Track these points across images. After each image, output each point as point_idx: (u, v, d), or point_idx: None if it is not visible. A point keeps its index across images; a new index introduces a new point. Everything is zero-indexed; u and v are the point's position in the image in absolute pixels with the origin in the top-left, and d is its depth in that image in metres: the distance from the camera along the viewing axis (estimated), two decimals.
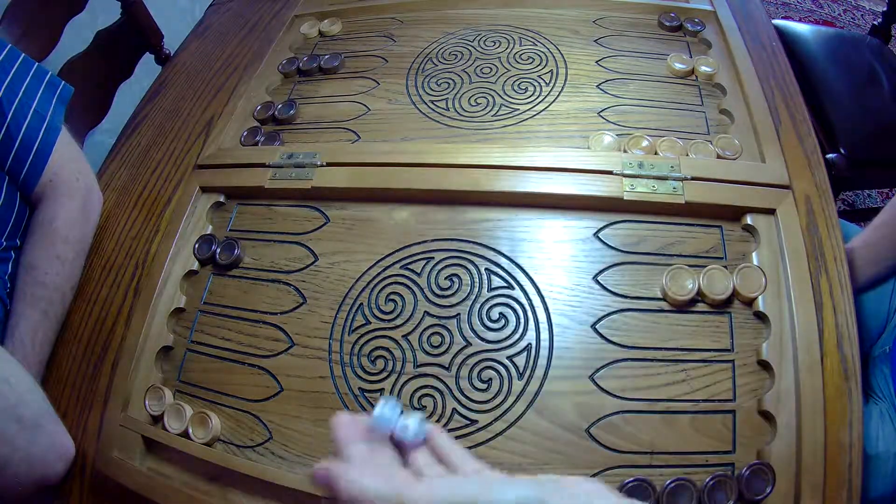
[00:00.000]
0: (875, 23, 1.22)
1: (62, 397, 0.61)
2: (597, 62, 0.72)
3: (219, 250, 0.63)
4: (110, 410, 0.57)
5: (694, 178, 0.57)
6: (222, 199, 0.68)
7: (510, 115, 0.68)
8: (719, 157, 0.59)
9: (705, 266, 0.53)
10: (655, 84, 0.68)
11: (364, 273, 0.59)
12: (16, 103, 0.67)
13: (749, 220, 0.55)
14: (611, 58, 0.72)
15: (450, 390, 0.52)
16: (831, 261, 0.54)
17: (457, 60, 0.76)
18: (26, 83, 0.69)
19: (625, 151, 0.61)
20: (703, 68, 0.67)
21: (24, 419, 0.52)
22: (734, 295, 0.52)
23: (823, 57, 1.13)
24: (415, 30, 0.81)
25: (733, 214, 0.56)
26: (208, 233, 0.66)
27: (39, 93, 0.70)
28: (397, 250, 0.60)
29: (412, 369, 0.53)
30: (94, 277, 0.69)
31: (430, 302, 0.56)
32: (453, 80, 0.73)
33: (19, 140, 0.67)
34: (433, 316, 0.56)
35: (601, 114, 0.66)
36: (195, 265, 0.63)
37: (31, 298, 0.63)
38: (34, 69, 0.71)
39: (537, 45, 0.75)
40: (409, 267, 0.59)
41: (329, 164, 0.65)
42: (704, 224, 0.56)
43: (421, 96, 0.72)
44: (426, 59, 0.77)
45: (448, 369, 0.53)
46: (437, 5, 0.84)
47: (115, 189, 0.77)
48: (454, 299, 0.56)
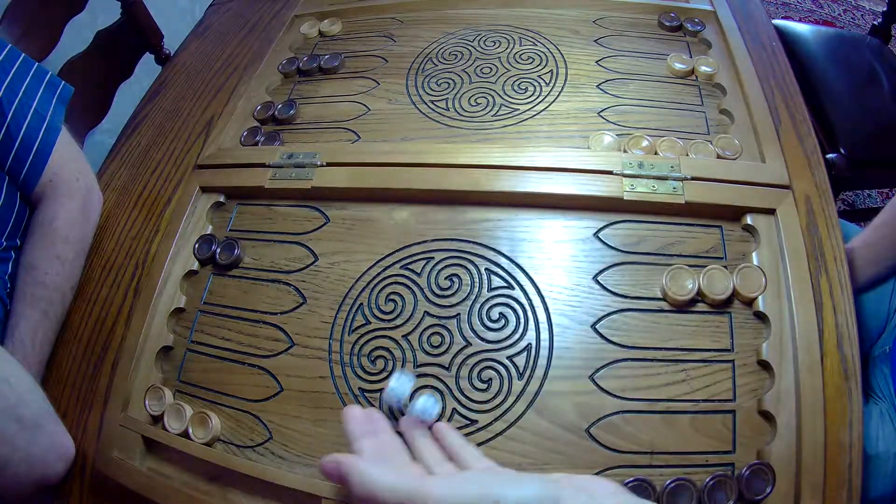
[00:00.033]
0: (875, 23, 1.22)
1: (62, 397, 0.61)
2: (597, 62, 0.72)
3: (219, 250, 0.63)
4: (110, 410, 0.57)
5: (694, 178, 0.57)
6: (222, 199, 0.68)
7: (510, 115, 0.68)
8: (719, 157, 0.59)
9: (705, 266, 0.53)
10: (655, 84, 0.68)
11: (364, 273, 0.59)
12: (16, 103, 0.67)
13: (749, 220, 0.55)
14: (611, 58, 0.72)
15: (450, 390, 0.52)
16: (831, 261, 0.54)
17: (457, 60, 0.76)
18: (26, 83, 0.69)
19: (625, 151, 0.61)
20: (703, 68, 0.67)
21: (24, 419, 0.52)
22: (734, 295, 0.52)
23: (823, 57, 1.13)
24: (415, 30, 0.81)
25: (733, 214, 0.56)
26: (208, 233, 0.66)
27: (39, 93, 0.70)
28: (397, 250, 0.60)
29: (412, 369, 0.53)
30: (94, 277, 0.69)
31: (430, 302, 0.56)
32: (453, 80, 0.73)
33: (19, 140, 0.67)
34: (433, 316, 0.56)
35: (601, 114, 0.66)
36: (195, 265, 0.63)
37: (31, 298, 0.63)
38: (34, 69, 0.71)
39: (537, 45, 0.75)
40: (409, 267, 0.59)
41: (329, 164, 0.65)
42: (704, 224, 0.56)
43: (421, 96, 0.72)
44: (426, 59, 0.77)
45: (448, 369, 0.53)
46: (437, 5, 0.84)
47: (115, 189, 0.77)
48: (454, 299, 0.56)
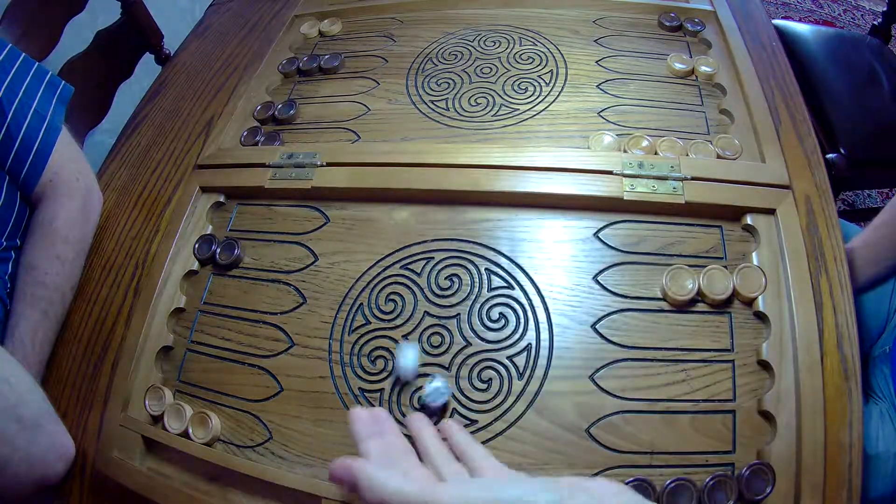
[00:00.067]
0: (875, 23, 1.22)
1: (62, 397, 0.61)
2: (597, 62, 0.72)
3: (219, 250, 0.63)
4: (110, 410, 0.57)
5: (694, 178, 0.57)
6: (222, 199, 0.68)
7: (510, 115, 0.68)
8: (719, 157, 0.59)
9: (705, 266, 0.53)
10: (655, 84, 0.68)
11: (364, 273, 0.59)
12: (16, 103, 0.67)
13: (749, 220, 0.55)
14: (611, 58, 0.72)
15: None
16: (831, 261, 0.54)
17: (457, 60, 0.76)
18: (26, 83, 0.69)
19: (625, 151, 0.61)
20: (703, 68, 0.67)
21: (24, 419, 0.51)
22: (734, 295, 0.52)
23: (823, 57, 1.13)
24: (415, 30, 0.81)
25: (733, 214, 0.56)
26: (208, 233, 0.66)
27: (40, 93, 0.70)
28: (397, 250, 0.60)
29: None
30: (94, 277, 0.69)
31: (430, 302, 0.56)
32: (453, 80, 0.73)
33: (19, 140, 0.67)
34: (433, 316, 0.56)
35: (601, 114, 0.66)
36: (195, 265, 0.63)
37: (31, 298, 0.63)
38: (34, 69, 0.71)
39: (537, 45, 0.75)
40: (409, 267, 0.59)
41: (329, 164, 0.65)
42: (704, 224, 0.56)
43: (421, 96, 0.72)
44: (426, 59, 0.77)
45: (448, 369, 0.53)
46: (437, 5, 0.84)
47: (115, 189, 0.77)
48: (454, 299, 0.56)
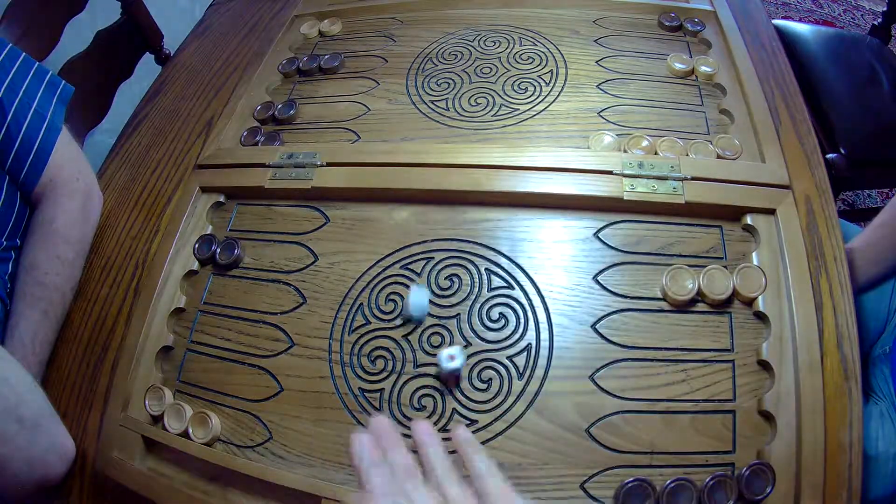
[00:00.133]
0: (875, 23, 1.22)
1: (62, 397, 0.61)
2: (597, 62, 0.72)
3: (219, 250, 0.63)
4: (110, 410, 0.57)
5: (694, 178, 0.57)
6: (222, 199, 0.68)
7: (510, 115, 0.68)
8: (719, 157, 0.59)
9: (705, 266, 0.53)
10: (655, 84, 0.68)
11: (364, 273, 0.59)
12: (16, 103, 0.67)
13: (749, 220, 0.55)
14: (611, 58, 0.72)
15: (450, 390, 0.52)
16: (831, 261, 0.54)
17: (457, 60, 0.76)
18: (27, 83, 0.69)
19: (625, 151, 0.61)
20: (703, 68, 0.67)
21: (25, 419, 0.51)
22: (734, 295, 0.52)
23: (823, 57, 1.13)
24: (415, 30, 0.81)
25: (733, 214, 0.56)
26: (208, 233, 0.66)
27: (40, 93, 0.70)
28: (397, 250, 0.60)
29: (412, 369, 0.53)
30: (94, 277, 0.69)
31: (430, 302, 0.56)
32: (453, 80, 0.73)
33: (19, 140, 0.67)
34: (433, 316, 0.56)
35: (601, 114, 0.66)
36: (195, 265, 0.63)
37: (31, 298, 0.63)
38: (34, 69, 0.71)
39: (537, 45, 0.75)
40: (409, 267, 0.59)
41: (329, 164, 0.65)
42: (704, 224, 0.56)
43: (421, 96, 0.72)
44: (426, 59, 0.77)
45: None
46: (437, 5, 0.84)
47: (115, 189, 0.77)
48: (454, 299, 0.56)
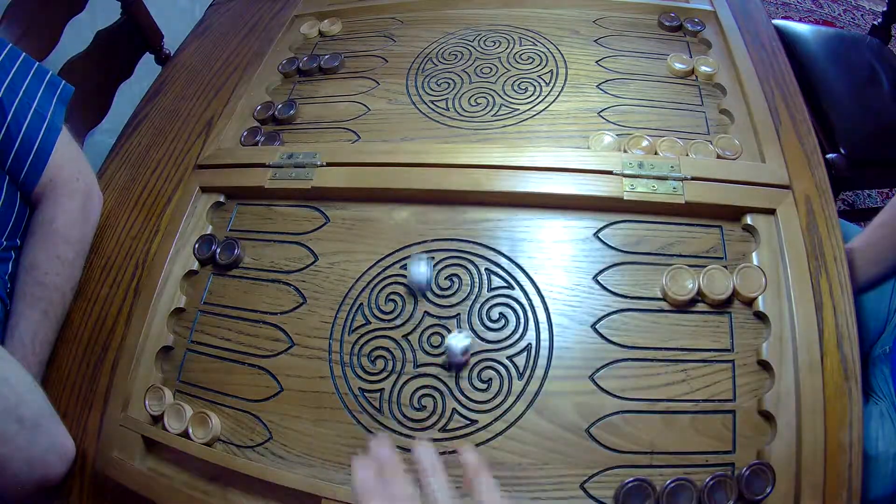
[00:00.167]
0: (875, 23, 1.22)
1: (62, 397, 0.61)
2: (597, 62, 0.72)
3: (219, 250, 0.63)
4: (110, 410, 0.57)
5: (694, 178, 0.57)
6: (222, 199, 0.68)
7: (510, 115, 0.68)
8: (719, 157, 0.59)
9: (705, 266, 0.53)
10: (655, 84, 0.68)
11: (364, 273, 0.59)
12: (16, 103, 0.67)
13: (749, 220, 0.55)
14: (611, 58, 0.72)
15: (450, 390, 0.52)
16: (831, 261, 0.54)
17: (457, 60, 0.76)
18: (27, 83, 0.69)
19: (625, 151, 0.61)
20: (703, 68, 0.67)
21: (25, 419, 0.51)
22: (734, 295, 0.52)
23: (823, 57, 1.13)
24: (415, 30, 0.81)
25: (733, 214, 0.56)
26: (208, 233, 0.66)
27: (40, 93, 0.70)
28: (397, 250, 0.60)
29: (412, 369, 0.53)
30: (94, 277, 0.69)
31: (430, 302, 0.56)
32: (453, 80, 0.73)
33: (19, 140, 0.67)
34: (433, 316, 0.56)
35: (601, 114, 0.66)
36: (195, 265, 0.63)
37: (31, 298, 0.63)
38: (34, 69, 0.71)
39: (537, 45, 0.75)
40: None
41: (329, 164, 0.65)
42: (704, 224, 0.56)
43: (421, 96, 0.72)
44: (426, 59, 0.77)
45: (448, 369, 0.53)
46: (437, 5, 0.84)
47: (115, 189, 0.77)
48: (454, 299, 0.56)
